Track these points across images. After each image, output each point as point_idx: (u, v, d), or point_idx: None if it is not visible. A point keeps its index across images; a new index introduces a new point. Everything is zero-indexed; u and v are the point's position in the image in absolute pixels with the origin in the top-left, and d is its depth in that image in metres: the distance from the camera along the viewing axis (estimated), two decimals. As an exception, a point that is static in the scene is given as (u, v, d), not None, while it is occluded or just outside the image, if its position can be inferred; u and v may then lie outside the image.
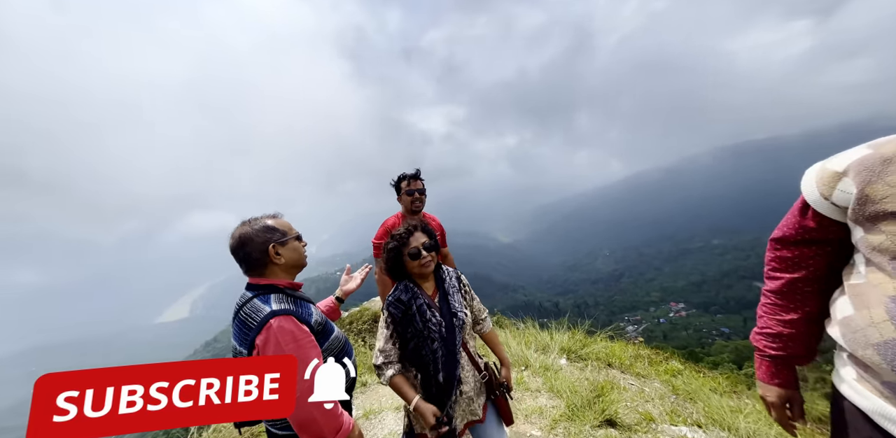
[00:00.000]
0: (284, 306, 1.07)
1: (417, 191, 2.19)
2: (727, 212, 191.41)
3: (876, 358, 0.63)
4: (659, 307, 78.94)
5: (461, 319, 1.32)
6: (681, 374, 3.13)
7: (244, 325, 1.05)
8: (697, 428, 1.99)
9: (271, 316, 1.02)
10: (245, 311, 1.07)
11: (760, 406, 2.49)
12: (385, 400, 2.90)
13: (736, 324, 62.48)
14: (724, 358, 21.18)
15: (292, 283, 1.21)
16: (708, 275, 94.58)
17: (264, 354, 0.99)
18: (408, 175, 2.22)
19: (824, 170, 0.73)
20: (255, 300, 1.09)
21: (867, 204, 0.64)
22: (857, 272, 0.72)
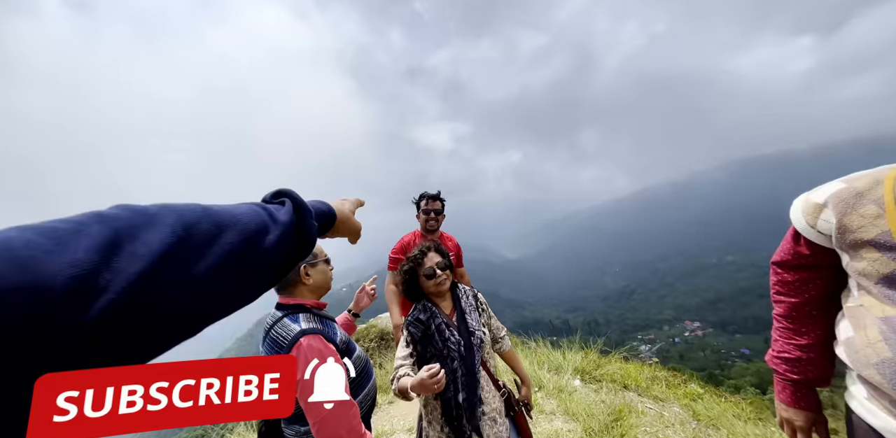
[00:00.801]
0: (313, 325, 1.12)
1: (434, 212, 2.26)
2: (740, 227, 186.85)
3: (877, 377, 0.67)
4: (673, 325, 75.79)
5: (479, 338, 1.32)
6: (701, 398, 3.02)
7: (275, 344, 1.09)
8: (722, 457, 1.91)
9: (301, 335, 1.07)
10: (276, 330, 1.12)
11: (786, 435, 2.37)
12: (397, 421, 2.85)
13: (757, 345, 59.24)
14: (746, 382, 19.97)
15: (318, 303, 1.26)
16: (724, 293, 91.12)
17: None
18: (428, 195, 2.29)
19: (808, 202, 0.81)
20: (285, 319, 1.14)
21: (846, 233, 0.72)
22: (851, 295, 0.79)
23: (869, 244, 0.68)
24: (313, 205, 0.59)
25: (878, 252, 0.67)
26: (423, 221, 2.27)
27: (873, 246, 0.68)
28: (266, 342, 1.14)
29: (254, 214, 0.40)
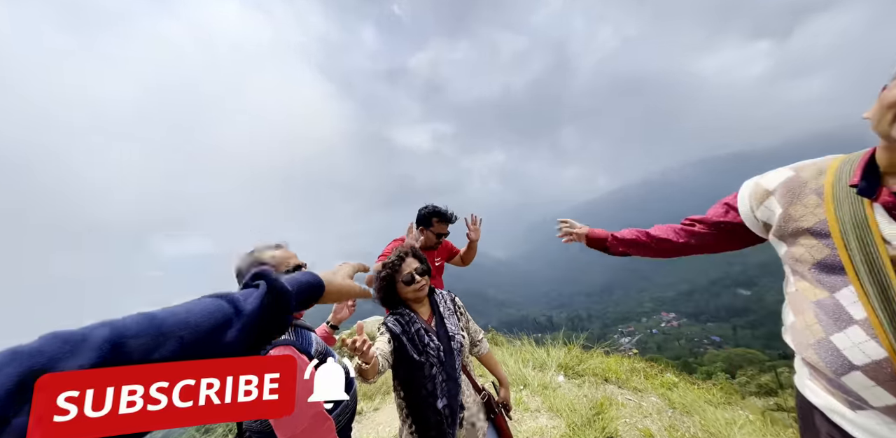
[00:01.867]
0: (284, 336, 1.07)
1: (445, 236, 2.19)
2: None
3: (814, 357, 0.72)
4: (651, 317, 79.17)
5: (459, 342, 1.31)
6: (676, 387, 3.16)
7: None
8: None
9: (271, 347, 1.02)
10: None
11: (754, 417, 2.53)
12: (382, 428, 2.81)
13: (726, 332, 62.90)
14: (716, 368, 21.25)
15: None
16: (697, 284, 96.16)
17: None
18: (443, 216, 2.14)
19: (758, 186, 0.85)
20: None
21: (789, 222, 0.76)
22: (789, 282, 0.84)
23: (808, 232, 0.73)
24: (298, 279, 0.57)
25: (814, 239, 0.72)
26: (432, 241, 2.19)
27: (811, 234, 0.72)
28: None
29: (210, 311, 0.39)
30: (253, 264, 1.15)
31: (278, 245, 1.23)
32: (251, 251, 1.19)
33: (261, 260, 1.15)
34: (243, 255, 1.18)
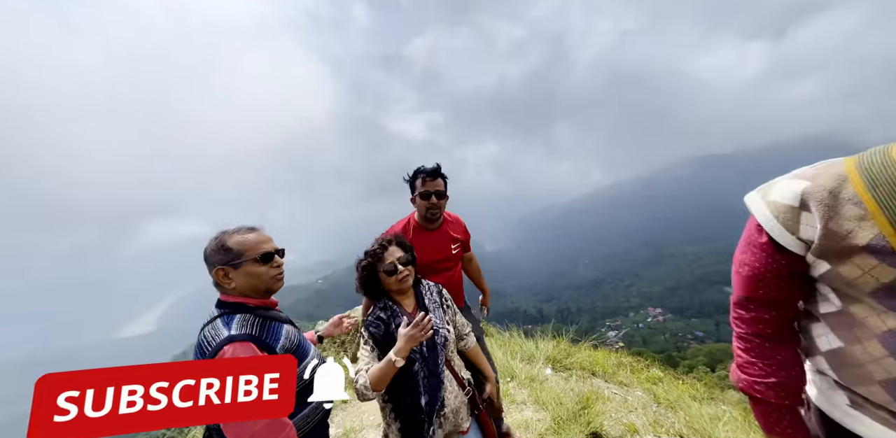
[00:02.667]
0: (245, 331, 0.98)
1: (435, 194, 1.67)
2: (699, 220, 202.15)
3: (884, 395, 0.61)
4: (638, 312, 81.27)
5: (443, 336, 1.26)
6: (661, 382, 3.19)
7: (200, 349, 0.96)
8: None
9: (227, 342, 0.93)
10: (205, 333, 0.99)
11: (737, 413, 2.56)
12: (367, 417, 2.78)
13: (709, 328, 65.08)
14: (698, 361, 22.15)
15: (266, 302, 1.11)
16: (683, 281, 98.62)
17: None
18: (424, 171, 1.69)
19: (777, 206, 0.69)
20: (217, 321, 1.00)
21: (835, 239, 0.62)
22: (827, 301, 0.70)
23: (864, 250, 0.59)
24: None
25: (874, 258, 0.59)
26: (423, 208, 1.70)
27: (869, 252, 0.59)
28: (196, 342, 1.00)
29: None
30: (217, 249, 1.05)
31: (252, 228, 1.11)
32: (218, 234, 1.08)
33: (224, 244, 1.05)
34: (211, 239, 1.07)
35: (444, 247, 1.80)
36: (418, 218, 1.80)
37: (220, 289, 1.07)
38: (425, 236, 1.79)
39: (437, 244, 1.80)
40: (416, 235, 1.78)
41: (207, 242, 1.07)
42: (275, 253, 1.11)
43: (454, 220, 1.91)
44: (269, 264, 1.09)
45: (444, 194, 1.71)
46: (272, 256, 1.10)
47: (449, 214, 1.90)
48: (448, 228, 1.85)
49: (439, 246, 1.80)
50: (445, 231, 1.83)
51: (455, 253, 1.83)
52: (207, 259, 1.06)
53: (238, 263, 1.04)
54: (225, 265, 1.03)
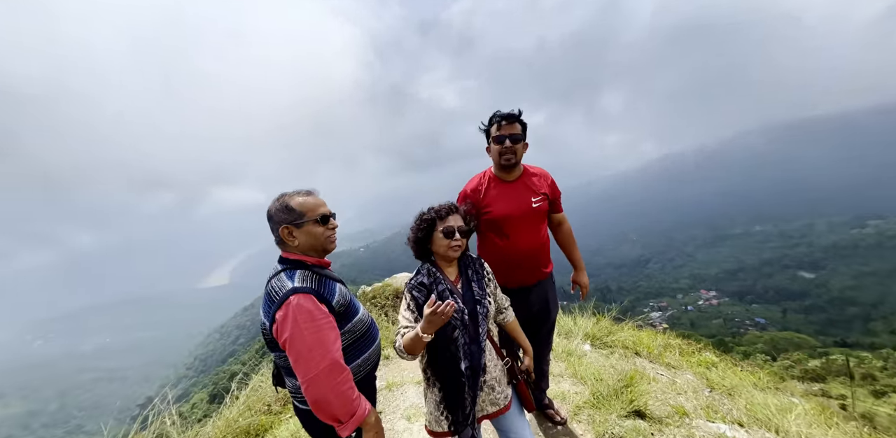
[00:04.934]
0: (307, 284, 1.09)
1: (510, 138, 1.52)
2: (774, 196, 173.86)
3: None
4: (687, 294, 75.74)
5: (485, 307, 1.27)
6: (716, 367, 2.94)
7: (269, 298, 1.08)
8: (738, 427, 1.85)
9: (292, 293, 1.03)
10: (272, 284, 1.10)
11: (809, 406, 2.27)
12: (406, 374, 2.97)
13: (773, 315, 58.80)
14: (756, 349, 20.29)
15: (320, 261, 1.20)
16: (746, 263, 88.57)
17: (282, 329, 1.02)
18: (500, 114, 1.55)
19: None
20: (281, 274, 1.12)
21: None
22: None
23: None
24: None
25: None
26: (497, 154, 1.56)
27: None
28: (264, 294, 1.12)
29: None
30: (281, 209, 1.14)
31: (309, 191, 1.19)
32: (280, 195, 1.16)
33: (288, 205, 1.14)
34: (273, 200, 1.16)
35: (523, 200, 1.61)
36: (494, 168, 1.66)
37: (283, 247, 1.18)
38: (502, 188, 1.63)
39: (516, 196, 1.61)
40: (493, 187, 1.64)
41: (271, 203, 1.16)
42: (330, 215, 1.19)
43: (539, 173, 1.71)
44: (326, 225, 1.19)
45: (520, 138, 1.55)
46: (328, 218, 1.18)
47: (533, 167, 1.72)
48: (529, 180, 1.66)
49: (518, 199, 1.60)
50: (525, 183, 1.65)
51: (536, 207, 1.62)
52: (272, 218, 1.14)
53: (301, 223, 1.14)
54: (289, 224, 1.13)
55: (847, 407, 6.78)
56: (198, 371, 57.76)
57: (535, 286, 1.72)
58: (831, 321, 52.60)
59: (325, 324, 1.04)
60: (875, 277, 63.55)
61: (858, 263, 72.59)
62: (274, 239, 1.17)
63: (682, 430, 1.82)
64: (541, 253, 1.69)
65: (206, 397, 20.90)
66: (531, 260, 1.67)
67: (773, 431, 1.79)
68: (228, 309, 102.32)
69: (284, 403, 2.70)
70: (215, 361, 56.19)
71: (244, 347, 32.97)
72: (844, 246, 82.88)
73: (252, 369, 3.70)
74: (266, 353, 4.76)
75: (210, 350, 71.37)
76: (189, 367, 64.39)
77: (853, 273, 68.22)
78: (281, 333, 1.02)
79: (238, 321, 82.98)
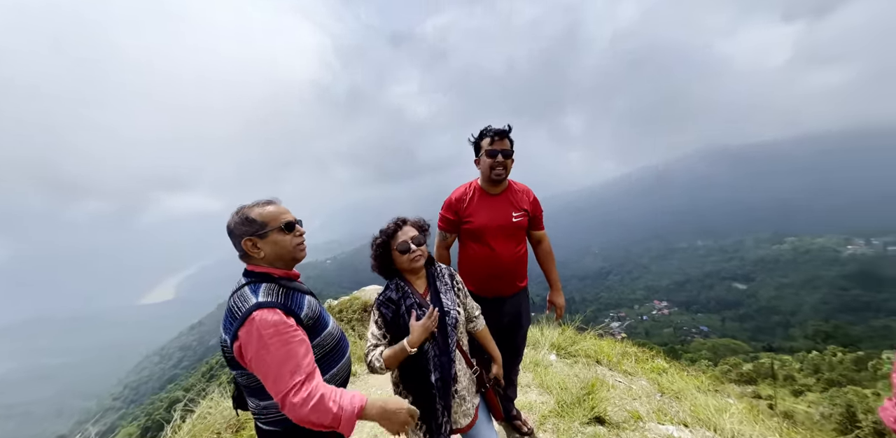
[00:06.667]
0: (272, 298, 1.03)
1: (502, 153, 1.59)
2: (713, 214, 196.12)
3: None
4: (643, 304, 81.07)
5: (454, 318, 1.29)
6: (666, 372, 3.19)
7: (231, 314, 1.03)
8: (684, 428, 2.02)
9: (256, 308, 0.99)
10: (234, 299, 1.05)
11: (742, 406, 2.55)
12: (374, 391, 2.89)
13: (714, 323, 64.66)
14: (701, 355, 22.27)
15: (289, 273, 1.16)
16: (691, 275, 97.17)
17: (246, 347, 0.97)
18: (492, 130, 1.61)
19: None
20: (245, 288, 1.07)
21: None
22: None
23: None
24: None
25: None
26: (487, 167, 1.62)
27: None
28: (225, 310, 1.07)
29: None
30: (241, 222, 1.09)
31: (269, 200, 1.15)
32: (238, 209, 1.12)
33: (248, 217, 1.09)
34: (232, 213, 1.12)
35: (504, 214, 1.68)
36: (481, 180, 1.73)
37: (247, 260, 1.13)
38: (486, 200, 1.71)
39: (498, 209, 1.69)
40: (477, 198, 1.72)
41: (229, 217, 1.11)
42: (295, 222, 1.16)
43: (523, 190, 1.79)
44: (292, 233, 1.14)
45: (510, 154, 1.63)
46: (294, 225, 1.14)
47: (518, 184, 1.81)
48: (513, 195, 1.74)
49: (500, 212, 1.68)
50: (508, 197, 1.73)
51: (517, 221, 1.70)
52: (233, 232, 1.10)
53: (264, 233, 1.09)
54: (252, 235, 1.08)
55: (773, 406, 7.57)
56: (127, 402, 50.12)
57: (509, 297, 1.77)
58: (760, 328, 59.05)
59: (294, 337, 1.00)
60: (792, 288, 72.94)
61: (779, 275, 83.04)
62: (238, 254, 1.13)
63: (637, 433, 1.95)
64: (518, 267, 1.75)
65: (137, 431, 18.26)
66: (508, 273, 1.72)
67: (712, 430, 1.99)
68: (171, 327, 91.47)
69: (238, 429, 2.49)
70: (150, 388, 49.39)
71: (188, 371, 29.14)
72: (768, 261, 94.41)
73: (199, 394, 3.37)
74: (214, 377, 4.31)
75: (145, 376, 62.27)
76: (117, 397, 55.47)
77: (776, 284, 77.84)
78: (246, 351, 0.97)
79: (183, 341, 74.26)
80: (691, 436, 1.90)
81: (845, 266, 78.80)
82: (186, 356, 62.26)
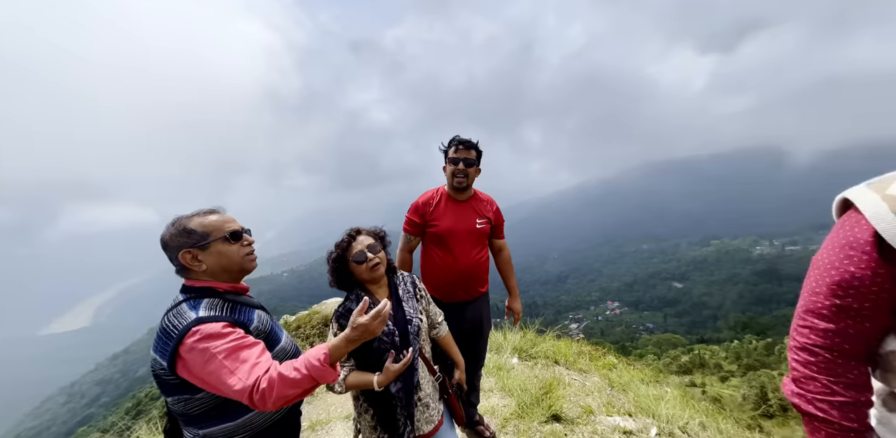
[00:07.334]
0: (215, 313, 0.95)
1: (465, 161, 1.69)
2: (654, 220, 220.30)
3: None
4: (598, 306, 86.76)
5: (416, 325, 1.28)
6: (615, 368, 3.47)
7: (165, 334, 0.91)
8: (628, 417, 2.22)
9: (196, 324, 0.89)
10: (169, 318, 0.93)
11: (676, 393, 2.86)
12: (333, 410, 2.75)
13: (658, 320, 71.27)
14: (647, 350, 24.39)
15: (236, 286, 1.07)
16: (638, 277, 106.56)
17: (192, 363, 0.87)
18: (459, 140, 1.71)
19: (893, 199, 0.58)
20: (182, 305, 0.95)
21: None
22: None
23: None
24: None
25: None
26: (450, 174, 1.73)
27: None
28: (157, 330, 0.94)
29: None
30: (178, 233, 0.99)
31: (211, 210, 1.07)
32: (175, 220, 1.02)
33: (186, 227, 0.99)
34: (168, 225, 1.01)
35: (468, 220, 1.78)
36: (447, 186, 1.82)
37: (186, 274, 1.02)
38: (452, 206, 1.80)
39: (462, 215, 1.78)
40: (443, 203, 1.80)
41: (164, 229, 1.01)
42: (242, 231, 1.07)
43: (487, 200, 1.90)
44: (239, 242, 1.06)
45: (473, 163, 1.72)
46: (240, 234, 1.06)
47: (483, 194, 1.91)
48: (477, 203, 1.85)
49: (464, 218, 1.78)
50: (473, 205, 1.83)
51: (480, 228, 1.80)
52: (168, 245, 1.00)
53: (205, 244, 1.00)
54: (192, 247, 0.99)
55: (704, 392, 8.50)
56: (22, 456, 40.85)
57: (471, 302, 1.83)
58: (695, 322, 66.38)
59: (245, 340, 0.91)
60: (718, 285, 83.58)
61: (707, 274, 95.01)
62: (175, 269, 1.02)
63: (589, 427, 2.10)
64: (479, 272, 1.82)
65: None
66: (469, 278, 1.78)
67: (651, 417, 2.21)
68: (85, 359, 77.41)
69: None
70: (52, 435, 40.96)
71: (107, 409, 24.34)
72: (699, 261, 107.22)
73: (121, 435, 2.92)
74: (143, 412, 3.74)
75: (47, 419, 50.75)
76: (2, 452, 44.79)
77: (705, 282, 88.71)
78: (191, 368, 0.87)
79: (101, 374, 63.03)
80: (634, 424, 2.09)
81: (756, 264, 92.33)
82: (106, 391, 52.78)
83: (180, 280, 1.05)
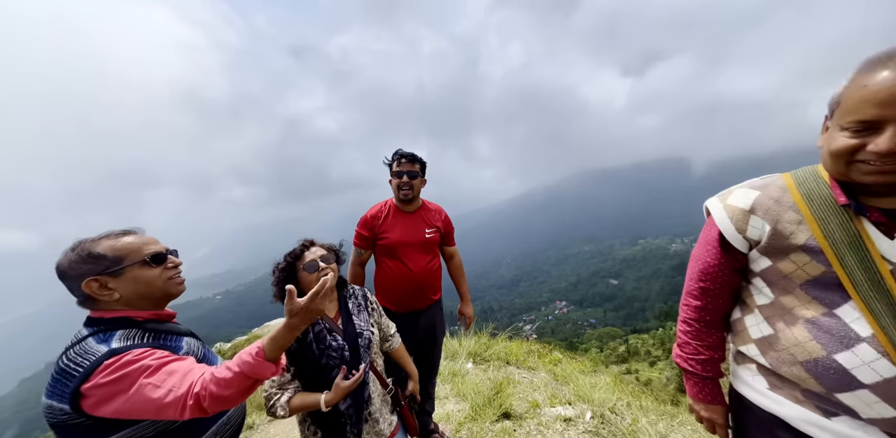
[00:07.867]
0: (134, 342, 0.83)
1: (408, 174, 1.72)
2: (591, 223, 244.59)
3: (802, 374, 0.72)
4: (548, 306, 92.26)
5: (367, 338, 1.26)
6: (560, 362, 3.77)
7: (64, 374, 0.76)
8: (569, 406, 2.44)
9: (109, 357, 0.76)
10: (69, 356, 0.78)
11: (610, 379, 3.21)
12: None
13: (599, 315, 78.26)
14: (592, 344, 26.60)
15: (159, 314, 0.95)
16: (581, 276, 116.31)
17: (106, 395, 0.74)
18: (401, 153, 1.75)
19: (732, 209, 0.81)
20: (88, 339, 0.81)
21: (780, 238, 0.74)
22: (761, 294, 0.82)
23: (800, 248, 0.72)
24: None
25: (807, 255, 0.72)
26: (395, 187, 1.77)
27: (803, 251, 0.72)
28: (53, 373, 0.79)
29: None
30: (81, 260, 0.86)
31: (126, 231, 0.94)
32: (76, 244, 0.88)
33: (92, 252, 0.87)
34: (66, 250, 0.88)
35: (417, 230, 1.82)
36: (394, 199, 1.84)
37: (93, 305, 0.88)
38: (400, 217, 1.82)
39: (411, 226, 1.81)
40: (392, 216, 1.81)
41: (61, 256, 0.87)
42: (166, 253, 0.96)
43: (435, 209, 1.95)
44: (161, 265, 0.95)
45: (417, 175, 1.76)
46: (163, 257, 0.95)
47: (431, 203, 1.95)
48: (426, 213, 1.89)
49: (413, 229, 1.81)
50: (421, 215, 1.87)
51: (429, 237, 1.84)
52: (66, 274, 0.86)
53: (118, 270, 0.88)
54: (100, 274, 0.86)
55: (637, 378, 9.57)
56: None
57: (424, 311, 1.86)
58: (629, 314, 74.41)
59: (171, 357, 0.81)
60: (645, 280, 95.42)
61: (636, 270, 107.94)
62: (76, 300, 0.88)
63: (535, 420, 2.27)
64: (431, 280, 1.85)
65: None
66: (422, 286, 1.80)
67: (588, 403, 2.46)
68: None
69: None
70: None
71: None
72: (629, 259, 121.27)
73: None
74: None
75: None
76: None
77: (635, 277, 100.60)
78: (107, 400, 0.74)
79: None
80: (573, 411, 2.32)
81: (672, 259, 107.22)
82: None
83: (85, 310, 0.89)
